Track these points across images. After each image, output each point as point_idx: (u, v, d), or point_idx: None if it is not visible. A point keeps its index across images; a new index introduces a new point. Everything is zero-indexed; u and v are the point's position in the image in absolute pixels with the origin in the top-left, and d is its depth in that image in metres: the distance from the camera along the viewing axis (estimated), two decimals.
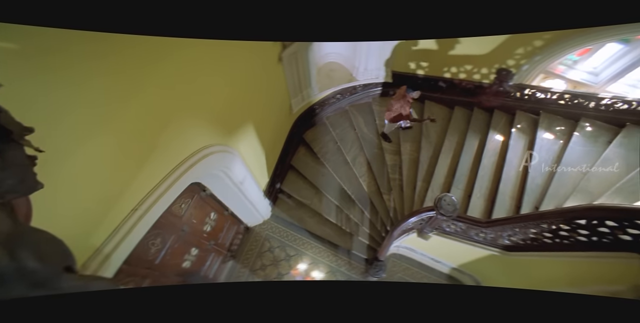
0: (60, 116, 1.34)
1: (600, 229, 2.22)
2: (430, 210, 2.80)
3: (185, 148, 2.26)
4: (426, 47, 4.21)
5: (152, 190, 2.04)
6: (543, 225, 2.51)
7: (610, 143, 3.48)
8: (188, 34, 1.46)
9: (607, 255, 2.29)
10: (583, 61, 4.09)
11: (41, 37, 1.20)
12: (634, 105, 3.56)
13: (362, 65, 4.48)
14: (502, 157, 3.74)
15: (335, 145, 4.32)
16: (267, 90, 3.41)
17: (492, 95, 4.24)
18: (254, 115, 3.22)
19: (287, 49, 3.37)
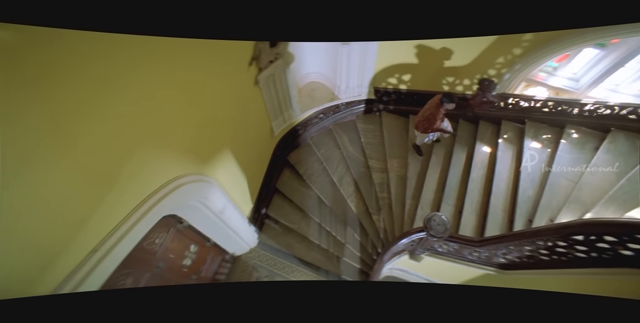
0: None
1: (599, 245, 2.10)
2: (421, 231, 2.69)
3: (152, 180, 2.15)
4: (407, 61, 4.19)
5: (114, 229, 1.91)
6: (539, 242, 2.39)
7: (597, 149, 3.41)
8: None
9: (609, 272, 2.16)
10: (563, 67, 4.08)
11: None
12: (616, 109, 3.52)
13: (343, 84, 4.44)
14: (491, 169, 3.65)
15: (321, 165, 4.22)
16: (244, 114, 3.33)
17: (477, 106, 4.19)
18: (231, 140, 3.13)
19: (262, 71, 3.33)
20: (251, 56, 3.12)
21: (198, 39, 2.03)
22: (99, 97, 1.58)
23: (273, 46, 3.35)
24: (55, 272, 1.61)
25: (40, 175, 1.41)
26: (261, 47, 3.17)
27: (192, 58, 2.23)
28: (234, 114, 3.11)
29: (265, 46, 3.22)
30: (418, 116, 3.69)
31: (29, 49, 1.28)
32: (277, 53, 3.42)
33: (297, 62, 4.09)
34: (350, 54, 4.02)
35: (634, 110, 3.44)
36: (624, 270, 2.06)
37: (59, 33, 1.36)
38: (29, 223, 1.43)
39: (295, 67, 4.05)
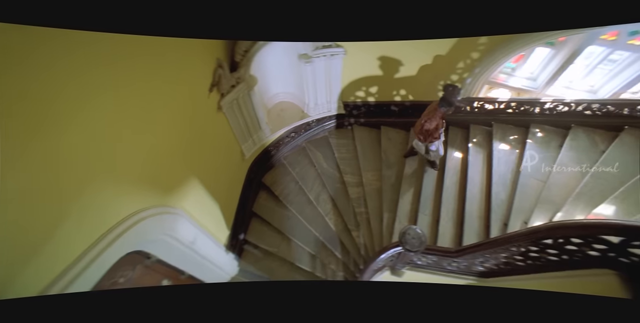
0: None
1: (567, 247, 2.10)
2: (397, 247, 2.64)
3: (105, 218, 2.04)
4: (372, 73, 4.25)
5: (63, 272, 1.78)
6: (512, 249, 2.38)
7: (561, 147, 3.47)
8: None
9: (581, 274, 2.16)
10: (520, 67, 4.18)
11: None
12: (573, 106, 3.62)
13: (311, 101, 4.45)
14: (464, 175, 3.67)
15: (297, 185, 4.17)
16: (209, 140, 3.28)
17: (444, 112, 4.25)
18: (198, 168, 3.06)
19: (225, 97, 3.30)
20: (211, 82, 3.10)
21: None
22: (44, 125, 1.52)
23: (233, 71, 3.35)
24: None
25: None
26: (221, 73, 3.15)
27: (145, 87, 2.19)
28: (198, 140, 3.06)
29: (225, 71, 3.21)
30: (416, 124, 3.51)
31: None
32: (239, 77, 3.41)
33: (263, 83, 4.10)
34: (314, 71, 4.04)
35: (588, 106, 3.55)
36: (594, 271, 2.07)
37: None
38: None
39: (260, 89, 4.06)
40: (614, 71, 3.59)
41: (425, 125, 3.31)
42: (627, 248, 1.86)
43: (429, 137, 3.39)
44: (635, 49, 3.29)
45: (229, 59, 3.31)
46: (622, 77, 3.53)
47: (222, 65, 3.16)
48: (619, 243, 1.86)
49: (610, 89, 3.67)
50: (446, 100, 3.23)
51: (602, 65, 3.68)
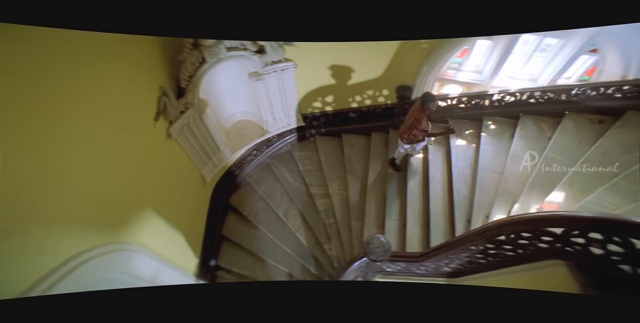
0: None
1: (520, 242, 2.14)
2: (362, 258, 2.64)
3: (50, 258, 1.92)
4: (325, 83, 4.26)
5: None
6: (471, 248, 2.41)
7: (513, 137, 3.57)
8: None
9: (537, 266, 2.20)
10: (466, 61, 4.29)
11: None
12: (518, 95, 3.73)
13: (269, 117, 4.42)
14: (426, 174, 3.71)
15: (265, 203, 4.11)
16: (165, 169, 3.19)
17: (402, 114, 4.30)
18: (153, 198, 2.95)
19: (174, 124, 3.23)
20: (155, 111, 3.02)
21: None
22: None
23: (180, 97, 3.28)
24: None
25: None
26: (166, 101, 3.08)
27: (90, 122, 2.11)
28: (151, 170, 2.96)
29: (171, 99, 3.14)
30: (401, 127, 3.44)
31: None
32: (186, 103, 3.35)
33: (217, 105, 4.05)
34: (267, 87, 4.02)
35: (531, 94, 3.67)
36: (547, 262, 2.11)
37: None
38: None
39: (215, 111, 4.00)
40: (548, 58, 3.74)
41: (415, 125, 3.24)
42: (569, 238, 1.90)
43: (417, 136, 3.30)
44: (561, 35, 3.45)
45: (174, 86, 3.26)
46: (555, 64, 3.68)
47: (167, 92, 3.09)
48: (561, 234, 1.91)
49: (548, 76, 3.82)
50: (428, 95, 3.17)
51: (537, 53, 3.83)
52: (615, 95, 3.36)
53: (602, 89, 3.38)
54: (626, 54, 3.28)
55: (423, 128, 3.24)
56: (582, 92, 3.48)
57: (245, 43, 3.45)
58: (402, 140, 3.45)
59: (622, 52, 3.29)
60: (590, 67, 3.74)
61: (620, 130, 3.19)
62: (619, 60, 3.35)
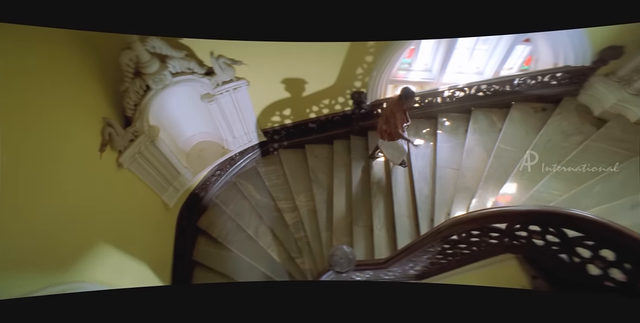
0: None
1: (472, 239, 2.18)
2: (328, 271, 2.62)
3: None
4: (280, 97, 4.26)
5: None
6: (430, 250, 2.43)
7: (467, 132, 3.64)
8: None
9: (492, 262, 2.24)
10: (415, 61, 4.38)
11: None
12: (467, 90, 3.83)
13: (229, 136, 4.37)
14: (388, 177, 3.74)
15: (234, 222, 4.05)
16: (120, 201, 3.08)
17: (360, 119, 4.34)
18: (110, 231, 2.84)
19: (124, 153, 3.14)
20: (100, 142, 2.93)
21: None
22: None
23: (128, 126, 3.20)
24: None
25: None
26: (111, 131, 2.99)
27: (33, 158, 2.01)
28: (105, 203, 2.85)
29: (117, 129, 3.06)
30: (379, 122, 3.34)
31: None
32: (135, 131, 3.27)
33: (173, 129, 3.97)
34: (222, 107, 3.98)
35: (478, 88, 3.77)
36: (499, 257, 2.16)
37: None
38: None
39: (171, 135, 3.93)
40: (490, 50, 3.86)
41: (389, 119, 3.16)
42: (514, 232, 1.94)
43: (394, 133, 3.22)
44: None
45: (120, 115, 3.18)
46: (497, 55, 3.80)
47: (111, 123, 3.01)
48: (506, 229, 1.95)
49: (492, 68, 3.94)
50: (406, 90, 3.09)
51: (479, 46, 3.95)
52: (552, 83, 3.50)
53: (539, 77, 3.52)
54: (553, 42, 3.42)
55: (396, 123, 3.14)
56: (522, 82, 3.62)
57: (192, 67, 3.41)
58: (382, 138, 3.38)
59: (550, 41, 3.44)
60: (527, 56, 3.89)
61: (560, 117, 3.32)
62: (548, 48, 3.50)
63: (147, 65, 2.97)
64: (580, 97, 3.45)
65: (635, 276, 1.43)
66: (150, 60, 2.97)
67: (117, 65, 2.83)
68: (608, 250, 1.55)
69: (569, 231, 1.69)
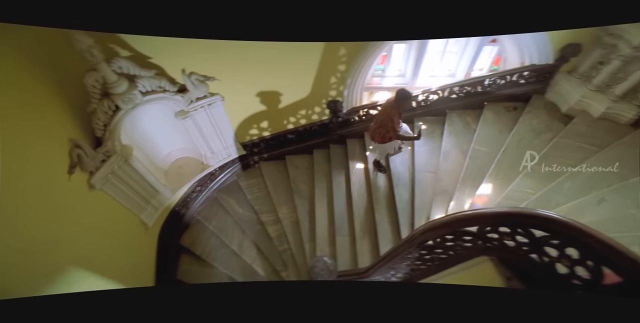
0: None
1: (447, 244, 2.18)
2: None
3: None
4: (256, 110, 4.24)
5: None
6: (408, 256, 2.42)
7: (443, 135, 3.68)
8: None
9: (469, 265, 2.26)
10: (388, 67, 4.42)
11: None
12: (440, 93, 3.88)
13: (207, 151, 4.33)
14: (368, 184, 3.74)
15: (217, 239, 3.98)
16: (94, 222, 3.00)
17: (338, 128, 4.35)
18: (84, 255, 2.76)
19: (95, 174, 3.06)
20: (69, 164, 2.87)
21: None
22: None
23: (98, 146, 3.15)
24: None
25: None
26: (79, 152, 2.93)
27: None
28: (74, 226, 2.77)
29: (86, 150, 3.00)
30: (373, 125, 3.31)
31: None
32: (106, 151, 3.20)
33: (149, 148, 3.91)
34: (198, 123, 3.94)
35: (451, 90, 3.83)
36: (476, 260, 2.16)
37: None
38: None
39: (147, 153, 3.87)
40: (459, 52, 3.93)
41: (386, 123, 3.13)
42: (486, 235, 1.95)
43: (392, 136, 3.19)
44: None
45: (89, 136, 3.12)
46: (466, 57, 3.87)
47: (79, 144, 2.95)
48: (477, 232, 1.95)
49: (463, 70, 4.01)
50: (402, 91, 3.05)
51: (449, 49, 4.02)
52: (520, 82, 3.57)
53: (508, 77, 3.59)
54: (517, 41, 3.51)
55: (394, 127, 3.13)
56: (493, 82, 3.68)
57: (163, 85, 3.38)
58: (373, 140, 3.36)
59: (514, 41, 3.52)
60: (496, 56, 3.97)
61: (530, 115, 3.38)
62: (514, 48, 3.58)
63: (114, 85, 2.94)
64: (547, 94, 3.53)
65: (597, 273, 1.44)
66: (118, 81, 2.94)
67: (82, 85, 2.79)
68: (572, 249, 1.56)
69: (537, 231, 1.70)
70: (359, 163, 4.04)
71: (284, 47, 3.55)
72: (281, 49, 3.54)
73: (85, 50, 2.54)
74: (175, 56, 3.27)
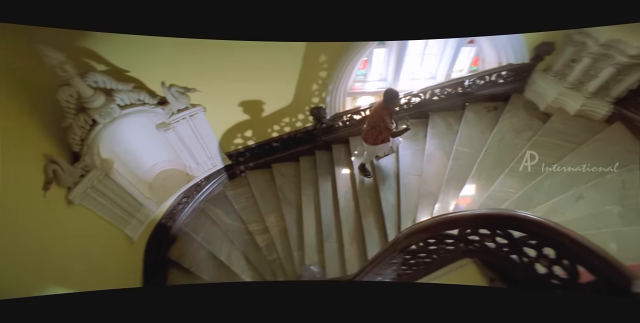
0: None
1: (430, 248, 2.16)
2: None
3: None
4: (240, 119, 4.22)
5: None
6: (393, 262, 2.40)
7: (426, 137, 3.68)
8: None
9: (453, 268, 2.25)
10: (369, 72, 4.44)
11: None
12: (422, 95, 3.90)
13: (192, 162, 4.28)
14: (354, 189, 3.72)
15: (205, 250, 3.92)
16: (74, 239, 2.93)
17: (323, 134, 4.34)
18: (64, 272, 2.69)
19: (74, 189, 2.99)
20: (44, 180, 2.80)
21: None
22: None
23: (76, 161, 3.08)
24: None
25: None
26: (56, 168, 2.86)
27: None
28: (54, 243, 2.70)
29: (62, 165, 2.93)
30: (365, 127, 3.33)
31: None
32: (85, 166, 3.14)
33: (131, 161, 3.86)
34: (181, 135, 3.90)
35: (432, 92, 3.85)
36: (459, 262, 2.15)
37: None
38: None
39: (129, 167, 3.81)
40: (438, 54, 3.97)
41: (379, 124, 3.15)
42: (467, 237, 1.94)
43: (382, 136, 3.21)
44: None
45: (66, 151, 3.06)
46: (446, 59, 3.90)
47: (55, 160, 2.88)
48: (458, 235, 1.94)
49: (444, 72, 4.04)
50: (390, 91, 3.07)
51: (428, 51, 4.05)
52: (499, 81, 3.61)
53: (486, 77, 3.62)
54: (494, 42, 3.56)
55: (387, 126, 3.14)
56: (472, 83, 3.72)
57: (142, 98, 3.34)
58: (366, 142, 3.36)
59: (491, 41, 3.56)
60: (474, 57, 4.01)
61: (510, 114, 3.41)
62: (491, 48, 3.63)
63: (91, 100, 2.89)
64: (526, 93, 3.57)
65: (573, 272, 1.43)
66: (94, 95, 2.89)
67: (56, 100, 2.74)
68: (550, 248, 1.56)
69: (515, 232, 1.70)
70: (345, 168, 4.02)
71: (265, 55, 3.55)
72: (261, 57, 3.54)
73: (57, 66, 2.49)
74: (154, 68, 3.25)
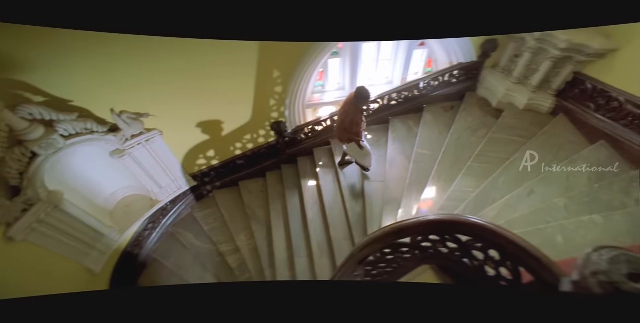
0: None
1: (387, 257, 2.13)
2: None
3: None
4: (200, 139, 4.10)
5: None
6: (355, 274, 2.34)
7: (387, 143, 3.67)
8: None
9: (414, 275, 2.24)
10: (327, 82, 4.43)
11: None
12: (380, 101, 3.90)
13: (154, 187, 4.14)
14: (321, 201, 3.66)
15: (177, 276, 3.76)
16: (16, 279, 2.75)
17: (286, 148, 4.28)
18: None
19: (14, 225, 2.80)
20: None
21: None
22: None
23: (15, 196, 2.90)
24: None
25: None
26: None
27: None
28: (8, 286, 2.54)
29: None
30: (337, 127, 3.27)
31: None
32: (27, 200, 2.97)
33: (88, 189, 3.71)
34: (138, 160, 3.78)
35: (390, 97, 3.86)
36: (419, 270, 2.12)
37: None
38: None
39: (86, 196, 3.65)
40: (392, 59, 4.00)
41: (354, 121, 3.08)
42: (420, 244, 1.90)
43: (353, 134, 3.14)
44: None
45: (3, 186, 2.88)
46: (399, 62, 3.94)
47: None
48: (411, 243, 1.91)
49: (399, 75, 4.07)
50: (361, 89, 3.00)
51: (382, 56, 4.08)
52: (452, 81, 3.66)
53: (440, 77, 3.66)
54: (442, 42, 3.61)
55: (358, 132, 3.11)
56: (427, 84, 3.75)
57: (90, 126, 3.21)
58: (341, 141, 3.31)
59: (440, 41, 3.62)
60: (427, 59, 4.06)
61: (465, 113, 3.44)
62: (441, 49, 3.68)
63: (26, 132, 2.73)
64: (478, 91, 3.62)
65: (516, 273, 1.41)
66: (30, 127, 2.74)
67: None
68: (494, 251, 1.54)
69: (462, 236, 1.68)
70: (312, 181, 3.97)
71: (218, 81, 3.47)
72: (215, 83, 3.48)
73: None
74: (99, 98, 3.13)
